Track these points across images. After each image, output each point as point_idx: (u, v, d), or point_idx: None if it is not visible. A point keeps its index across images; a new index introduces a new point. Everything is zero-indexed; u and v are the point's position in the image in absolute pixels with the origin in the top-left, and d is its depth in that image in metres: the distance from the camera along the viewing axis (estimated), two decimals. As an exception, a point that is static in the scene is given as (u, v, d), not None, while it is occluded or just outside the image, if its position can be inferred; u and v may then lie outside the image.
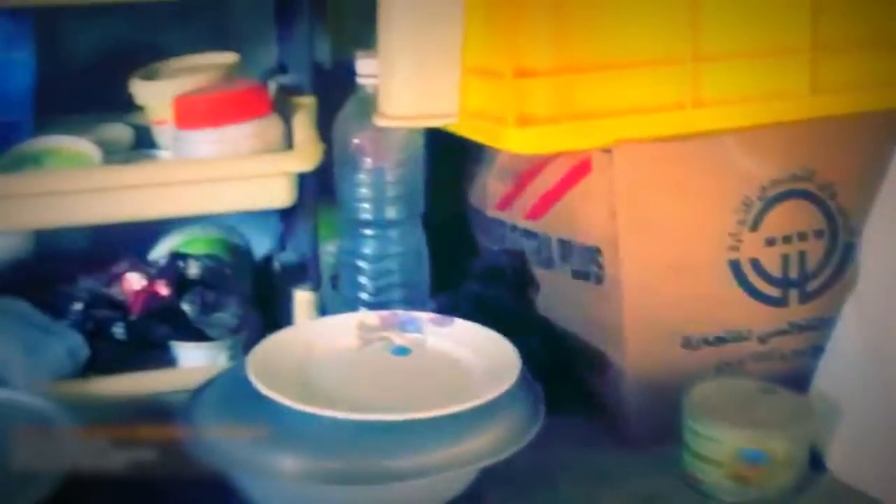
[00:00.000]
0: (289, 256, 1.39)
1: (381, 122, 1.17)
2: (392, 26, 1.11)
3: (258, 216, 1.45)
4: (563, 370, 1.26)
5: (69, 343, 1.28)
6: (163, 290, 1.31)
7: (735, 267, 1.22)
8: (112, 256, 1.44)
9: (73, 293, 1.35)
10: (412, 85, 1.12)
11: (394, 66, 1.11)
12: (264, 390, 1.06)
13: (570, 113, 1.16)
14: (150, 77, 1.39)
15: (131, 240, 1.44)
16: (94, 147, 1.30)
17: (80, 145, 1.31)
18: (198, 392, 1.15)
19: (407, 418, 1.04)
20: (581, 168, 1.22)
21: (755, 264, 1.22)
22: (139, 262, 1.38)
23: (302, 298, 1.34)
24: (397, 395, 1.11)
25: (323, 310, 1.35)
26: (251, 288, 1.39)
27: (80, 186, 1.21)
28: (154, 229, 1.45)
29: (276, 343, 1.17)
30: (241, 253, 1.44)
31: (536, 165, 1.27)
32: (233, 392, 1.12)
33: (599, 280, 1.22)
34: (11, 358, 1.22)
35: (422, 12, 1.10)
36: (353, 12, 1.52)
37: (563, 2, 1.15)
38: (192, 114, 1.26)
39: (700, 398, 1.14)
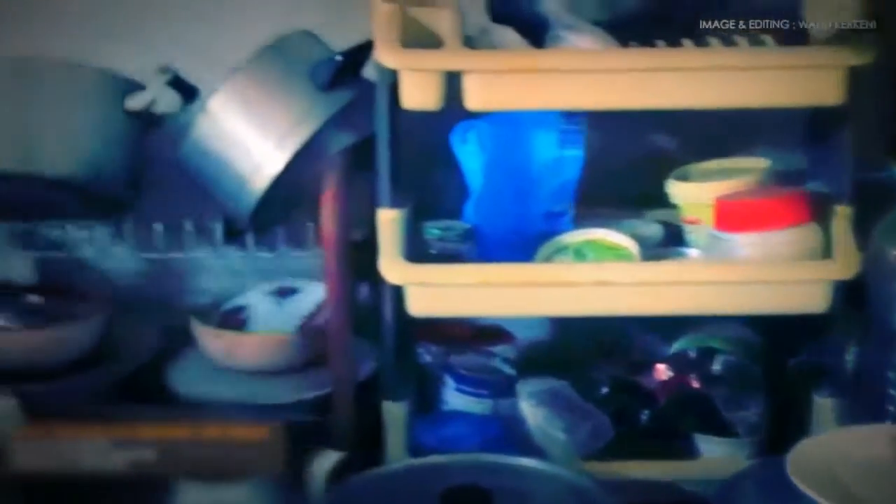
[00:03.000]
0: (808, 360, 1.42)
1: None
2: None
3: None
4: None
5: (597, 423, 1.36)
6: (692, 382, 1.36)
7: None
8: (630, 345, 1.52)
9: (597, 377, 1.44)
10: None
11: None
12: (809, 492, 1.09)
13: None
14: (684, 177, 1.46)
15: (647, 329, 1.52)
16: (633, 242, 1.38)
17: (619, 239, 1.39)
18: (731, 485, 1.19)
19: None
20: None
21: None
22: (662, 353, 1.45)
23: (823, 404, 1.36)
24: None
25: (840, 416, 1.36)
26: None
27: (625, 279, 1.30)
28: (671, 321, 1.51)
29: (811, 446, 1.19)
30: (759, 353, 1.47)
31: None
32: (767, 489, 1.16)
33: None
34: (553, 434, 1.32)
35: None
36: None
37: None
38: (734, 217, 1.32)
39: None
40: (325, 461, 1.28)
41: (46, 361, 1.45)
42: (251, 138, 1.38)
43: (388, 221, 1.32)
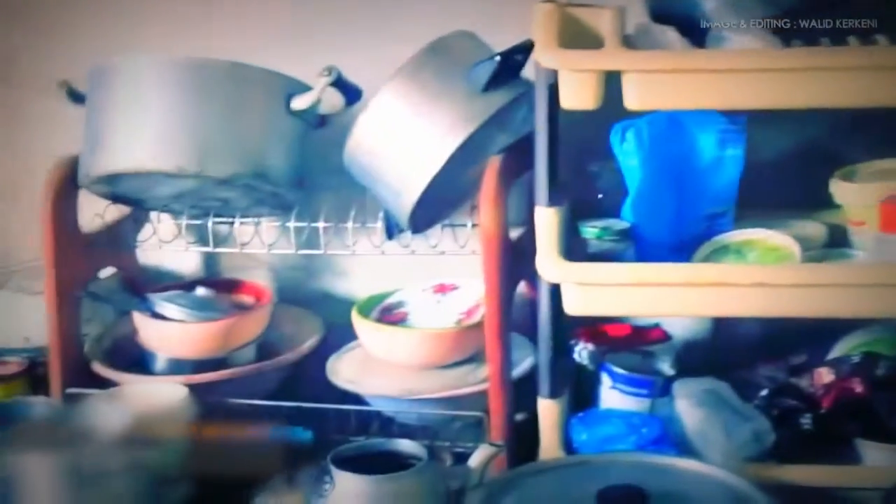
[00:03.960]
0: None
1: None
2: None
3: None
4: None
5: (757, 426, 1.34)
6: (856, 387, 1.34)
7: None
8: (787, 347, 1.49)
9: (756, 379, 1.42)
10: None
11: None
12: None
13: None
14: (849, 178, 1.43)
15: (806, 332, 1.49)
16: (794, 242, 1.36)
17: (781, 240, 1.37)
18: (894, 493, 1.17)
19: None
20: None
21: None
22: (822, 356, 1.43)
23: None
24: None
25: None
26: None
27: (786, 281, 1.28)
28: (829, 325, 1.48)
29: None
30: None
31: None
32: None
33: None
34: (712, 435, 1.31)
35: None
36: None
37: None
38: (900, 218, 1.29)
39: None
40: (482, 455, 1.29)
41: (215, 353, 1.51)
42: (412, 138, 1.39)
43: (546, 220, 1.32)
